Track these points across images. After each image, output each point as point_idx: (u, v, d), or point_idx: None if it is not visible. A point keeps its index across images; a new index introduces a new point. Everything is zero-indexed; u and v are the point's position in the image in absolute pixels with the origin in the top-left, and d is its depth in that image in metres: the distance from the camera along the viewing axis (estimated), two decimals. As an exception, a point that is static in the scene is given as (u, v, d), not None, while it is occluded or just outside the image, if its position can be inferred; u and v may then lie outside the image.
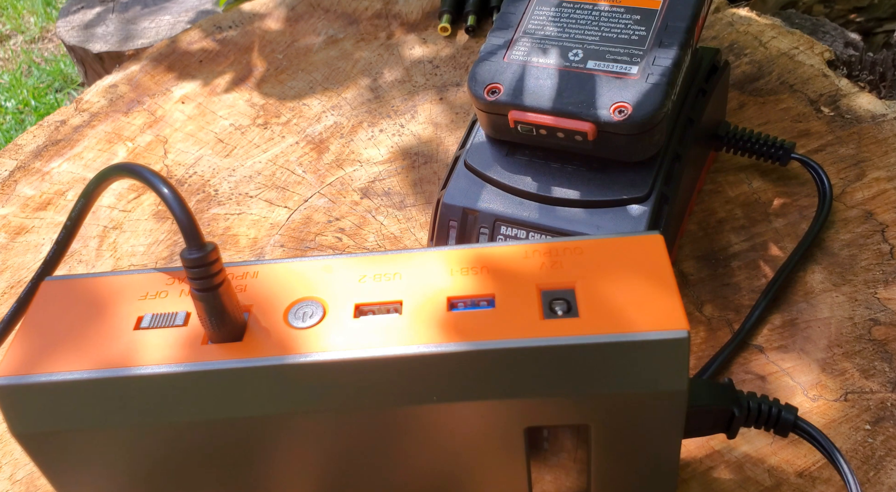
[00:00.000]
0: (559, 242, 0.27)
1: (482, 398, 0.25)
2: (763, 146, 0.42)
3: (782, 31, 0.52)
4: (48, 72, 1.44)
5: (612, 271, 0.26)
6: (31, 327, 0.26)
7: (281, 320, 0.26)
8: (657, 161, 0.36)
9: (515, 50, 0.37)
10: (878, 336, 0.36)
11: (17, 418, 0.26)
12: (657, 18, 0.36)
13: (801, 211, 0.42)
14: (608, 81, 0.34)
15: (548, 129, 0.35)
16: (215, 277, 0.24)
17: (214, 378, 0.25)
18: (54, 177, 0.52)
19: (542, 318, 0.25)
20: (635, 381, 0.25)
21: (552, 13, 0.38)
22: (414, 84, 0.54)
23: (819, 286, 0.39)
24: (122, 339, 0.26)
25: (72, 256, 0.46)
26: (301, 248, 0.45)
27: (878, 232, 0.41)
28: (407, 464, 0.28)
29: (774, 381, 0.36)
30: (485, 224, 0.36)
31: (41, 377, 0.25)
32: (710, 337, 0.38)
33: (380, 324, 0.26)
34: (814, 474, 0.32)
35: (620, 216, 0.35)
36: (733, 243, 0.41)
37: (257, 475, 0.28)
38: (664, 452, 0.27)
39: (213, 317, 0.25)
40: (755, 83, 0.49)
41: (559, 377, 0.25)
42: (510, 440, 0.27)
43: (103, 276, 0.28)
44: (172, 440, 0.26)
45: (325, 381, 0.25)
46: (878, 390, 0.35)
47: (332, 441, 0.27)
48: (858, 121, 0.46)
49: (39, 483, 0.36)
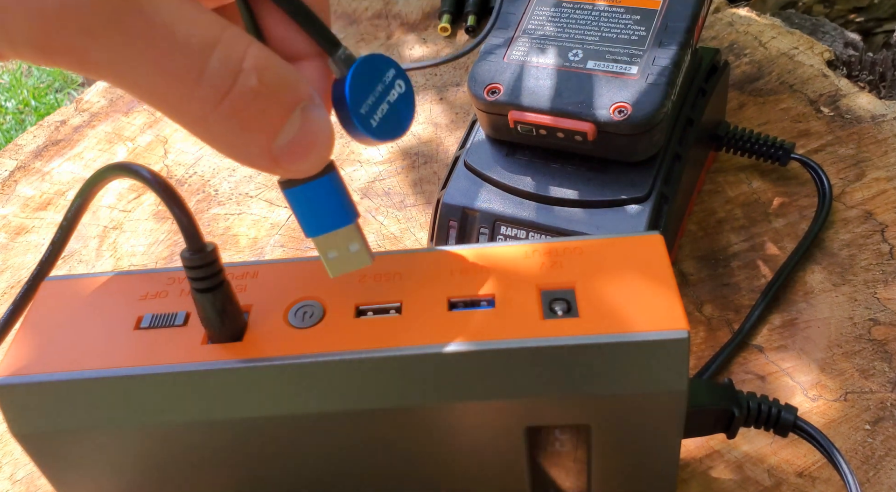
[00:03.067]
0: (559, 242, 0.27)
1: (482, 398, 0.25)
2: (763, 146, 0.42)
3: (782, 31, 0.52)
4: (48, 72, 1.44)
5: (612, 271, 0.26)
6: (31, 327, 0.26)
7: (281, 320, 0.26)
8: (657, 161, 0.36)
9: (515, 50, 0.37)
10: (878, 336, 0.36)
11: (18, 418, 0.26)
12: (657, 18, 0.36)
13: (801, 211, 0.42)
14: (608, 81, 0.34)
15: (547, 129, 0.35)
16: (215, 277, 0.24)
17: (214, 378, 0.25)
18: (54, 177, 0.52)
19: (542, 318, 0.25)
20: (635, 381, 0.25)
21: (552, 13, 0.38)
22: (414, 84, 0.54)
23: (819, 286, 0.39)
24: (121, 339, 0.26)
25: (72, 256, 0.46)
26: (301, 248, 0.45)
27: (877, 232, 0.41)
28: (407, 464, 0.28)
29: (774, 381, 0.36)
30: (485, 224, 0.36)
31: (41, 377, 0.25)
32: (709, 337, 0.38)
33: (380, 324, 0.26)
34: (813, 474, 0.32)
35: (620, 216, 0.35)
36: (733, 243, 0.41)
37: (257, 476, 0.28)
38: (664, 451, 0.27)
39: (213, 317, 0.25)
40: (755, 83, 0.49)
41: (559, 377, 0.25)
42: (510, 440, 0.27)
43: (103, 276, 0.28)
44: (172, 441, 0.26)
45: (325, 381, 0.25)
46: (878, 389, 0.35)
47: (332, 441, 0.27)
48: (858, 121, 0.46)
49: (39, 483, 0.36)
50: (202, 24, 0.18)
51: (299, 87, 0.20)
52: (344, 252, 0.25)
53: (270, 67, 0.19)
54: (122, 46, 0.17)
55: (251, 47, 0.19)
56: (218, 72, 0.18)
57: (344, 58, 0.21)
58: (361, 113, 0.21)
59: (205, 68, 0.18)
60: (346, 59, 0.21)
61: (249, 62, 0.19)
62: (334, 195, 0.23)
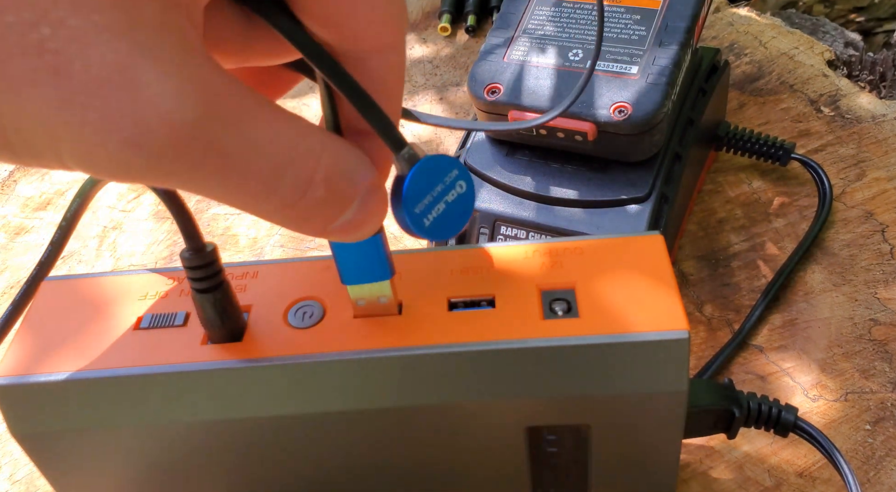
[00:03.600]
0: (559, 243, 0.27)
1: (482, 398, 0.25)
2: (763, 146, 0.42)
3: (782, 30, 0.52)
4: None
5: (613, 272, 0.26)
6: (30, 328, 0.26)
7: (281, 320, 0.26)
8: (657, 161, 0.36)
9: (515, 50, 0.37)
10: (878, 336, 0.36)
11: (17, 419, 0.26)
12: (657, 18, 0.36)
13: (801, 211, 0.42)
14: (608, 81, 0.34)
15: (548, 129, 0.35)
16: (215, 277, 0.24)
17: (214, 379, 0.25)
18: (54, 177, 0.52)
19: (543, 318, 0.25)
20: (635, 381, 0.25)
21: (552, 13, 0.38)
22: (414, 84, 0.54)
23: (819, 286, 0.39)
24: (121, 339, 0.26)
25: (71, 256, 0.46)
26: (301, 248, 0.45)
27: (878, 232, 0.41)
28: (407, 464, 0.28)
29: (774, 381, 0.36)
30: (485, 224, 0.36)
31: (41, 377, 0.25)
32: (710, 337, 0.38)
33: (380, 324, 0.25)
34: (814, 475, 0.32)
35: (620, 216, 0.35)
36: (733, 243, 0.41)
37: (256, 476, 0.28)
38: (664, 452, 0.27)
39: (212, 317, 0.25)
40: (755, 83, 0.49)
41: (559, 378, 0.25)
42: (511, 441, 0.27)
43: (103, 276, 0.28)
44: (172, 442, 0.26)
45: (324, 381, 0.25)
46: (878, 390, 0.35)
47: (332, 442, 0.27)
48: (858, 121, 0.46)
49: (39, 483, 0.36)
50: (282, 142, 0.18)
51: (364, 180, 0.20)
52: (373, 301, 0.25)
53: (339, 173, 0.20)
54: (205, 174, 0.17)
55: (323, 157, 0.19)
56: (289, 189, 0.19)
57: (407, 157, 0.21)
58: (416, 212, 0.22)
59: (277, 187, 0.18)
60: (410, 158, 0.21)
61: (320, 175, 0.19)
62: (376, 254, 0.24)
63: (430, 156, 0.22)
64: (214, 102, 0.16)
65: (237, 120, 0.17)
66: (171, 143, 0.16)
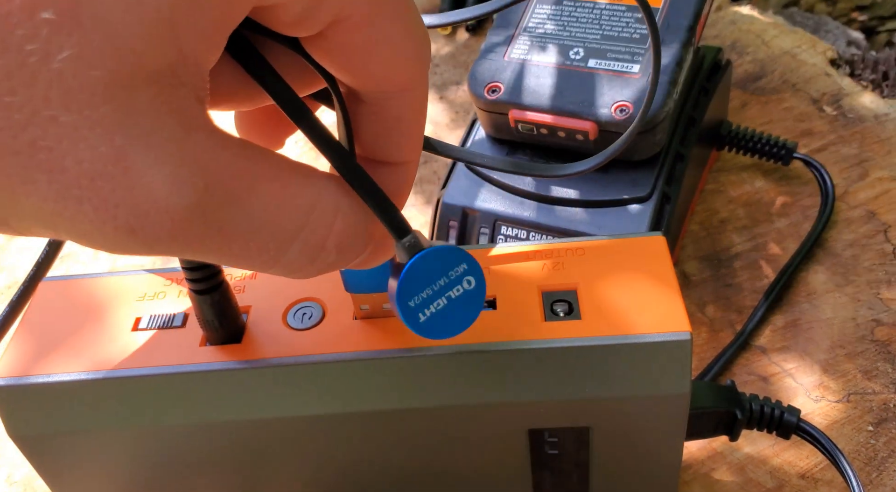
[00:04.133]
0: (561, 243, 0.27)
1: (483, 401, 0.25)
2: (765, 146, 0.42)
3: (784, 29, 0.52)
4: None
5: (614, 273, 0.26)
6: (28, 328, 0.26)
7: (280, 321, 0.26)
8: (659, 161, 0.36)
9: (516, 48, 0.37)
10: (881, 337, 0.36)
11: (15, 420, 0.26)
12: (659, 17, 0.36)
13: (804, 211, 0.42)
14: (609, 80, 0.34)
15: (548, 128, 0.35)
16: (214, 278, 0.24)
17: (213, 380, 0.25)
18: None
19: (544, 320, 0.25)
20: (637, 383, 0.25)
21: (553, 11, 0.37)
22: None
23: (822, 287, 0.39)
24: (119, 340, 0.26)
25: (69, 256, 0.46)
26: (301, 247, 0.45)
27: (881, 232, 0.40)
28: (408, 467, 0.28)
29: (777, 382, 0.35)
30: (485, 224, 0.36)
31: (39, 379, 0.25)
32: (712, 338, 0.37)
33: (380, 325, 0.25)
34: (816, 476, 0.32)
35: (622, 216, 0.35)
36: (735, 244, 0.41)
37: (256, 478, 0.28)
38: (666, 454, 0.27)
39: (211, 318, 0.25)
40: (757, 82, 0.49)
41: (561, 380, 0.24)
42: (512, 442, 0.26)
43: (101, 276, 0.28)
44: (170, 443, 0.26)
45: (324, 383, 0.25)
46: (881, 391, 0.34)
47: (332, 444, 0.27)
48: (861, 120, 0.46)
49: (37, 485, 0.36)
50: (290, 211, 0.18)
51: (372, 238, 0.20)
52: (376, 307, 0.25)
53: (351, 235, 0.19)
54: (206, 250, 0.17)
55: (336, 223, 0.19)
56: (297, 256, 0.18)
57: (408, 246, 0.20)
58: (409, 306, 0.20)
59: (284, 256, 0.18)
60: (410, 247, 0.20)
61: (332, 242, 0.19)
62: (381, 269, 0.23)
63: (435, 247, 0.20)
64: (214, 182, 0.16)
65: (238, 197, 0.17)
66: (169, 228, 0.16)
